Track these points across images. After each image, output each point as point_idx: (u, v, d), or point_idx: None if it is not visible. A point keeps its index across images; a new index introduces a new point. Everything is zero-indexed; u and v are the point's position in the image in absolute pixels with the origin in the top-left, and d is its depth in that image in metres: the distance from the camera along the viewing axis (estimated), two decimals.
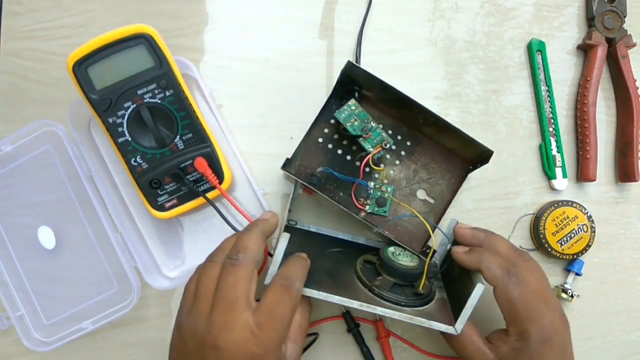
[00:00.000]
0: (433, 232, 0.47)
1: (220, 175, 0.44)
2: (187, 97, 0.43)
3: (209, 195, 0.45)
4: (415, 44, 0.52)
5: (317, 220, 0.50)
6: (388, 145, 0.45)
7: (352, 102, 0.45)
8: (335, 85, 0.46)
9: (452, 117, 0.52)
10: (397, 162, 0.48)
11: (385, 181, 0.48)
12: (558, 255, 0.50)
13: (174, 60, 0.43)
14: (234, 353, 0.32)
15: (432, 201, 0.48)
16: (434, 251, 0.46)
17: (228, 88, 0.50)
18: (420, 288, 0.42)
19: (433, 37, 0.52)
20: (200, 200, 0.45)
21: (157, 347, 0.48)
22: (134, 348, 0.48)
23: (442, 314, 0.41)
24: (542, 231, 0.50)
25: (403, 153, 0.48)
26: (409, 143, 0.48)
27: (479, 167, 0.46)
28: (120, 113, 0.42)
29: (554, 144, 0.52)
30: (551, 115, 0.52)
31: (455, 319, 0.40)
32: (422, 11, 0.52)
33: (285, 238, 0.38)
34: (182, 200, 0.45)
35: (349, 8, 0.52)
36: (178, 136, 0.44)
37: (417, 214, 0.45)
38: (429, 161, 0.48)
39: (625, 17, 0.52)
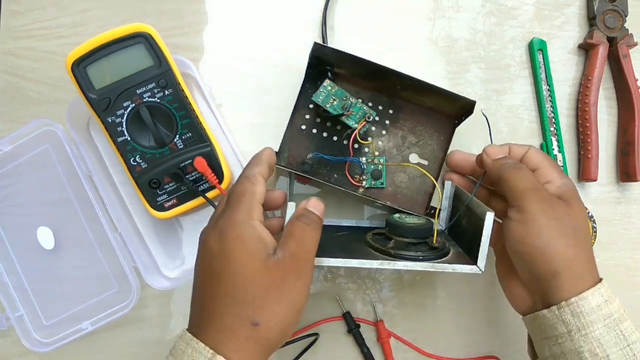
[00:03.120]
0: (437, 183, 0.47)
1: (219, 175, 0.44)
2: (186, 97, 0.43)
3: (209, 194, 0.44)
4: (416, 43, 0.52)
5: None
6: (371, 117, 0.44)
7: (327, 82, 0.44)
8: (307, 69, 0.45)
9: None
10: (384, 132, 0.48)
11: (376, 153, 0.48)
12: None
13: (173, 59, 0.43)
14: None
15: (425, 162, 0.48)
16: (438, 210, 0.46)
17: (228, 87, 0.50)
18: (434, 241, 0.42)
19: (434, 36, 0.52)
20: (199, 200, 0.45)
21: (157, 347, 0.48)
22: (133, 348, 0.48)
23: (462, 261, 0.40)
24: None
25: (388, 122, 0.48)
26: (391, 111, 0.48)
27: (464, 119, 0.46)
28: (119, 112, 0.42)
29: (555, 143, 0.52)
30: (552, 115, 0.52)
31: (475, 261, 0.39)
32: (422, 10, 0.52)
33: (291, 207, 0.37)
34: (181, 200, 0.45)
35: (348, 7, 0.51)
36: (177, 136, 0.43)
37: (418, 167, 0.45)
38: (414, 125, 0.48)
39: (626, 16, 0.52)
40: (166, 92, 0.43)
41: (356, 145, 0.47)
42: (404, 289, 0.51)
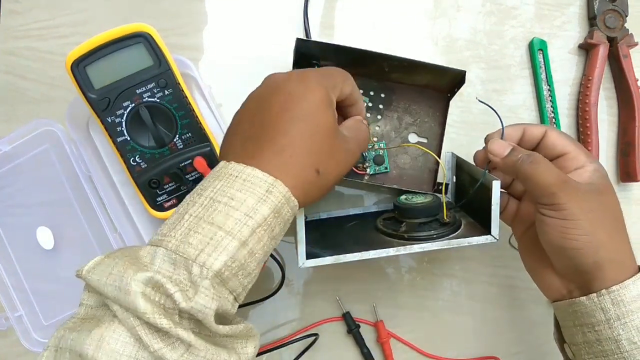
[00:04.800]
0: (439, 159, 0.47)
1: None
2: (186, 97, 0.43)
3: None
4: (416, 42, 0.52)
5: (323, 206, 0.50)
6: (365, 104, 0.44)
7: None
8: (293, 67, 0.45)
9: (453, 116, 0.52)
10: (379, 117, 0.48)
11: (375, 139, 0.48)
12: None
13: (173, 59, 0.43)
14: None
15: (425, 140, 0.48)
16: (446, 185, 0.46)
17: (228, 87, 0.50)
18: (445, 217, 0.42)
19: (434, 35, 0.52)
20: None
21: None
22: None
23: (476, 231, 0.41)
24: None
25: (381, 106, 0.48)
26: (383, 95, 0.48)
27: (457, 91, 0.46)
28: (119, 112, 0.42)
29: None
30: (553, 115, 0.52)
31: (489, 231, 0.39)
32: (423, 10, 0.52)
33: (300, 213, 0.38)
34: (181, 200, 0.44)
35: (349, 6, 0.51)
36: (177, 135, 0.43)
37: (418, 146, 0.45)
38: (408, 104, 0.48)
39: (626, 16, 0.52)
40: (166, 92, 0.42)
41: None
42: (404, 289, 0.51)
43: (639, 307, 0.35)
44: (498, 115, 0.42)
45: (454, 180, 0.48)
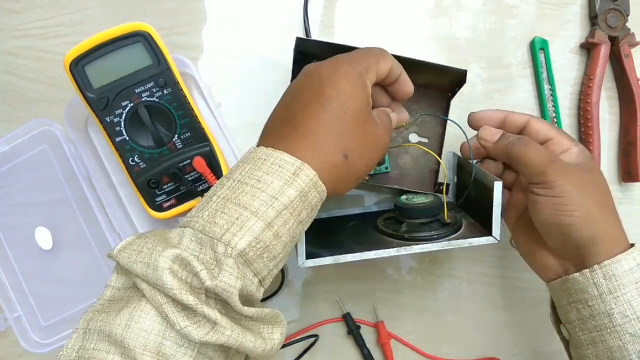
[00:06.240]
0: (440, 159, 0.47)
1: (219, 175, 0.44)
2: (185, 96, 0.43)
3: None
4: (417, 42, 0.52)
5: (323, 205, 0.50)
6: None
7: None
8: (293, 67, 0.45)
9: (453, 116, 0.51)
10: None
11: None
12: None
13: (172, 58, 0.42)
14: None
15: (426, 140, 0.48)
16: (447, 185, 0.46)
17: (227, 86, 0.49)
18: (446, 217, 0.42)
19: (435, 35, 0.52)
20: (199, 200, 0.44)
21: None
22: None
23: (477, 232, 0.41)
24: None
25: None
26: None
27: (458, 90, 0.46)
28: (117, 112, 0.42)
29: None
30: (554, 115, 0.52)
31: (489, 232, 0.39)
32: (423, 9, 0.52)
33: None
34: (180, 200, 0.44)
35: (349, 6, 0.51)
36: (176, 135, 0.43)
37: (419, 146, 0.45)
38: (409, 104, 0.47)
39: (628, 15, 0.52)
40: (165, 92, 0.42)
41: None
42: (404, 290, 0.51)
43: (631, 281, 0.35)
44: (463, 131, 0.43)
45: (455, 180, 0.48)
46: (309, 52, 0.44)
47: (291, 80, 0.45)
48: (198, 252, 0.29)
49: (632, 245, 0.37)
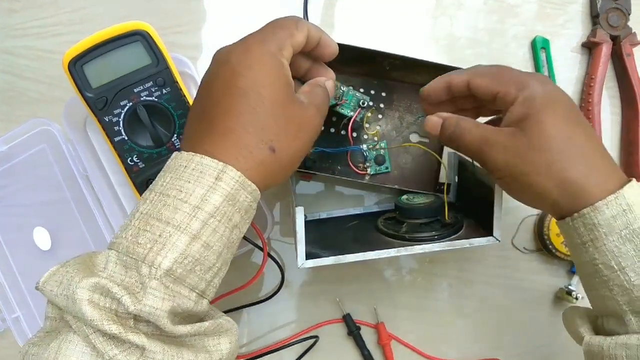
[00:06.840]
0: (441, 159, 0.47)
1: None
2: (184, 95, 0.43)
3: None
4: (417, 41, 0.51)
5: (323, 206, 0.50)
6: (366, 103, 0.44)
7: None
8: None
9: None
10: (380, 116, 0.47)
11: (376, 139, 0.47)
12: (562, 257, 0.49)
13: (171, 57, 0.42)
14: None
15: (427, 140, 0.48)
16: (448, 185, 0.46)
17: None
18: (447, 217, 0.42)
19: (435, 34, 0.52)
20: None
21: None
22: None
23: (477, 232, 0.40)
24: (547, 232, 0.49)
25: (382, 105, 0.47)
26: (384, 94, 0.47)
27: None
28: (116, 111, 0.42)
29: None
30: None
31: (490, 232, 0.39)
32: (424, 8, 0.52)
33: (300, 212, 0.37)
34: None
35: (349, 5, 0.51)
36: (175, 135, 0.43)
37: (420, 145, 0.45)
38: (409, 103, 0.48)
39: (629, 14, 0.52)
40: (164, 91, 0.42)
41: (355, 134, 0.47)
42: (405, 290, 0.51)
43: (612, 230, 0.32)
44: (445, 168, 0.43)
45: (456, 180, 0.47)
46: None
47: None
48: (124, 276, 0.27)
49: (630, 180, 0.33)
